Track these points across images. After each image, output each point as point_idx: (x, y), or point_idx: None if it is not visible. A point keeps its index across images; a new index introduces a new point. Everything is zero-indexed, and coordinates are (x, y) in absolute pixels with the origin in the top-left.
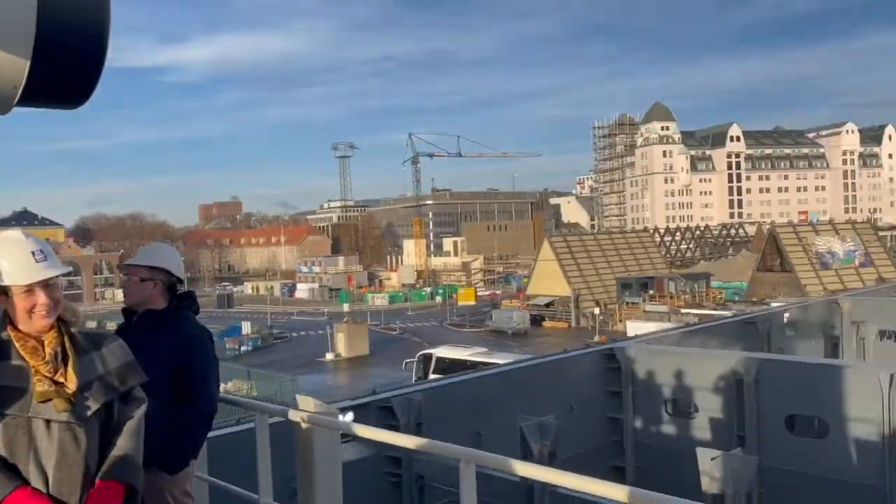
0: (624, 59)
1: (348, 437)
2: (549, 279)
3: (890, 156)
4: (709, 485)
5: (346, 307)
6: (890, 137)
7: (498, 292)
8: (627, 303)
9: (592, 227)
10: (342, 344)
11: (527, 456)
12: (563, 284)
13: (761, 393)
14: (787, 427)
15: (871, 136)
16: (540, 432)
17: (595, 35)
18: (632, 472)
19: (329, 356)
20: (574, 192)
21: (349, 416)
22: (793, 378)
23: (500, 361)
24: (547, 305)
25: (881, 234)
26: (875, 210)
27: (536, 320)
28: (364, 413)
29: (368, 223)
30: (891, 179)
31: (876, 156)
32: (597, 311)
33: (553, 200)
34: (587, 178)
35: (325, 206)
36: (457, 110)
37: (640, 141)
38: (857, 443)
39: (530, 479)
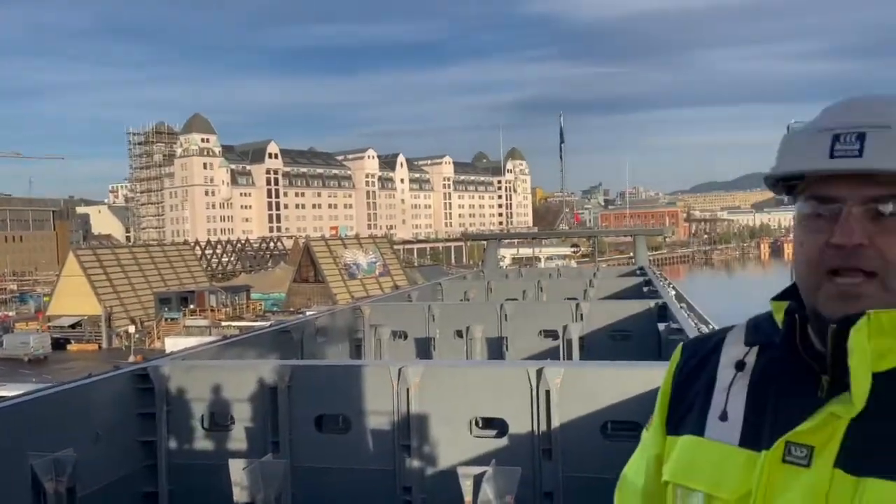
0: (162, 64)
1: None
2: (75, 297)
3: (402, 180)
4: (239, 494)
5: None
6: (401, 164)
7: (10, 314)
8: (167, 319)
9: (128, 239)
10: None
11: (40, 497)
12: (93, 302)
13: (294, 398)
14: (316, 427)
15: (388, 162)
16: (55, 469)
17: (130, 36)
18: (165, 496)
19: None
20: (107, 200)
21: None
22: (321, 381)
23: (10, 394)
24: (73, 326)
25: (396, 247)
26: (391, 227)
27: (61, 344)
28: None
29: None
30: (402, 201)
31: (391, 179)
32: (132, 329)
33: (81, 209)
34: (121, 187)
35: None
36: None
37: (179, 151)
38: (373, 433)
39: None
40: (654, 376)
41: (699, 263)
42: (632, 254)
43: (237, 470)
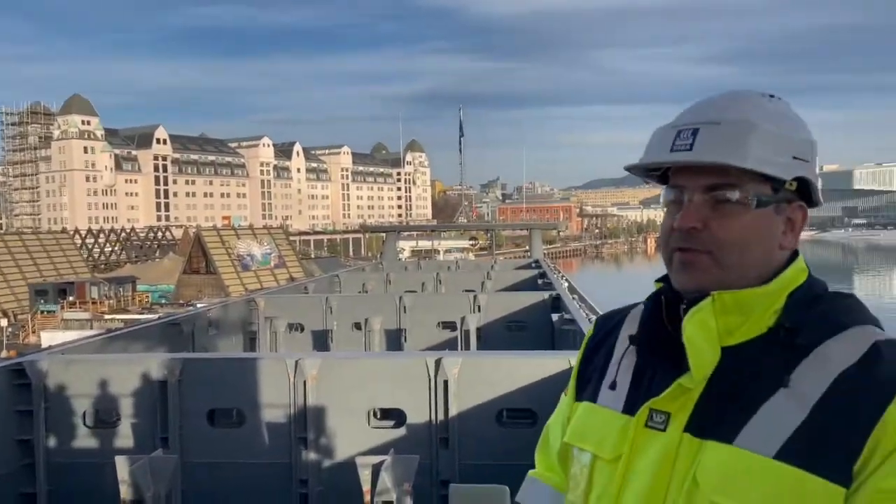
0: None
1: None
2: None
3: (298, 170)
4: (127, 492)
5: None
6: (298, 153)
7: None
8: (43, 311)
9: (0, 226)
10: None
11: None
12: None
13: (184, 392)
14: (209, 421)
15: (283, 150)
16: None
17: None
18: (44, 496)
19: None
20: None
21: None
22: (214, 374)
23: None
24: None
25: (292, 238)
26: (287, 217)
27: None
28: None
29: None
30: (299, 191)
31: (287, 169)
32: (4, 322)
33: None
34: None
35: None
36: None
37: (57, 134)
38: (269, 427)
39: None
40: (547, 365)
41: (590, 257)
42: (528, 247)
43: (124, 466)
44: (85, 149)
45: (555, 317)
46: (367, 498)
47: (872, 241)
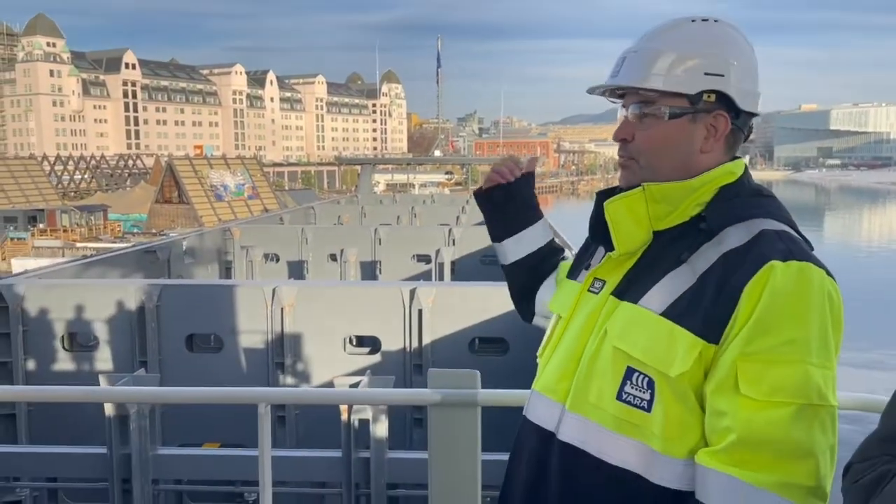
0: None
1: None
2: None
3: (272, 99)
4: (111, 409)
5: None
6: (272, 82)
7: None
8: (12, 238)
9: None
10: None
11: None
12: None
13: (163, 318)
14: (187, 346)
15: (256, 79)
16: None
17: None
18: (24, 416)
19: None
20: None
21: None
22: (192, 300)
23: None
24: None
25: (266, 169)
26: (260, 148)
27: None
28: None
29: None
30: (273, 121)
31: (261, 98)
32: None
33: None
34: None
35: None
36: None
37: (21, 56)
38: (247, 352)
39: None
40: None
41: (567, 193)
42: None
43: (108, 384)
44: (51, 72)
45: None
46: (345, 416)
47: (844, 181)
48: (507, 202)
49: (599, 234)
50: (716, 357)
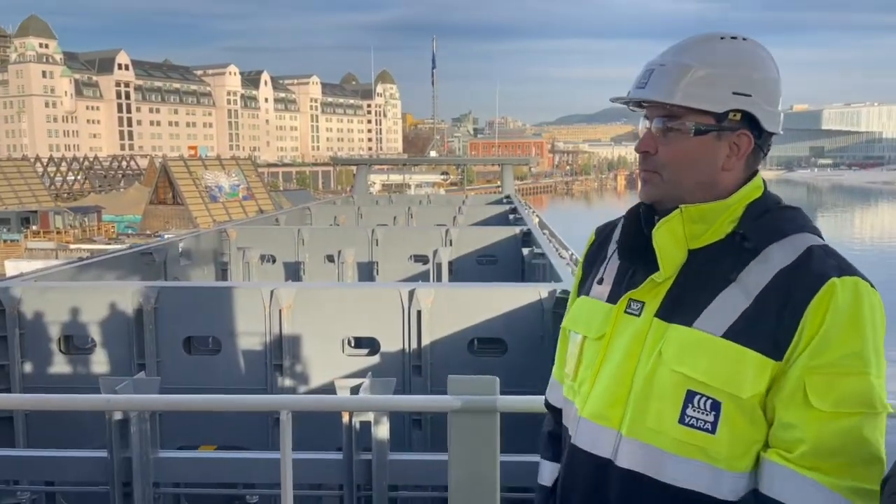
0: None
1: None
2: None
3: (266, 99)
4: (111, 412)
5: None
6: (266, 83)
7: None
8: (6, 240)
9: None
10: None
11: None
12: None
13: (160, 320)
14: (185, 349)
15: (251, 79)
16: None
17: None
18: (21, 419)
19: None
20: None
21: None
22: (190, 302)
23: None
24: None
25: (260, 170)
26: (255, 148)
27: None
28: None
29: None
30: (267, 122)
31: (255, 98)
32: None
33: None
34: None
35: None
36: None
37: (14, 57)
38: (245, 354)
39: None
40: (519, 296)
41: (561, 193)
42: (499, 183)
43: (109, 388)
44: (43, 73)
45: (525, 251)
46: (346, 419)
47: (836, 180)
48: None
49: (631, 254)
50: (781, 373)
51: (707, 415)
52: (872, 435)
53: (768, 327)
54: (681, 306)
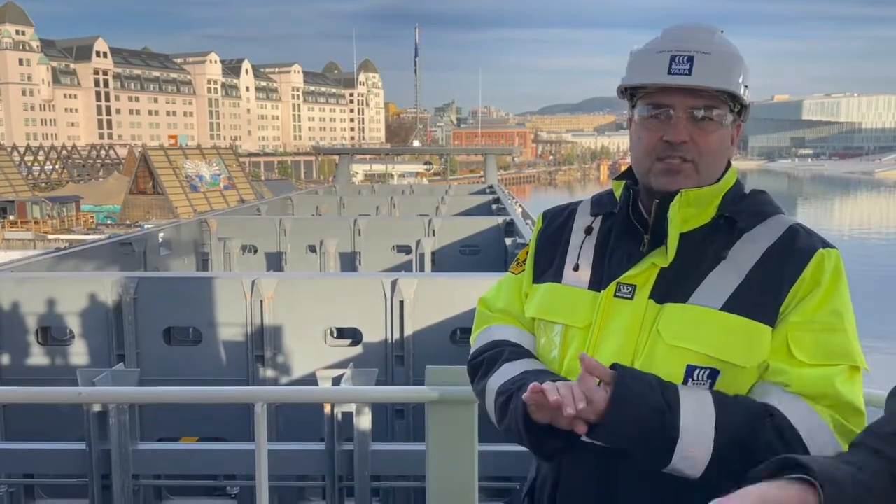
0: None
1: None
2: None
3: (247, 88)
4: (91, 406)
5: None
6: (247, 71)
7: None
8: None
9: None
10: None
11: None
12: None
13: (140, 311)
14: (165, 340)
15: (231, 68)
16: None
17: None
18: None
19: None
20: None
21: None
22: (170, 293)
23: None
24: None
25: (242, 159)
26: (236, 138)
27: None
28: None
29: None
30: (248, 111)
31: (236, 87)
32: None
33: None
34: None
35: None
36: None
37: None
38: (226, 345)
39: None
40: None
41: (544, 183)
42: (482, 172)
43: (87, 380)
44: (20, 60)
45: (508, 241)
46: (328, 410)
47: (817, 170)
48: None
49: (629, 237)
50: (774, 335)
51: (704, 384)
52: (852, 386)
53: (765, 299)
54: (674, 286)
